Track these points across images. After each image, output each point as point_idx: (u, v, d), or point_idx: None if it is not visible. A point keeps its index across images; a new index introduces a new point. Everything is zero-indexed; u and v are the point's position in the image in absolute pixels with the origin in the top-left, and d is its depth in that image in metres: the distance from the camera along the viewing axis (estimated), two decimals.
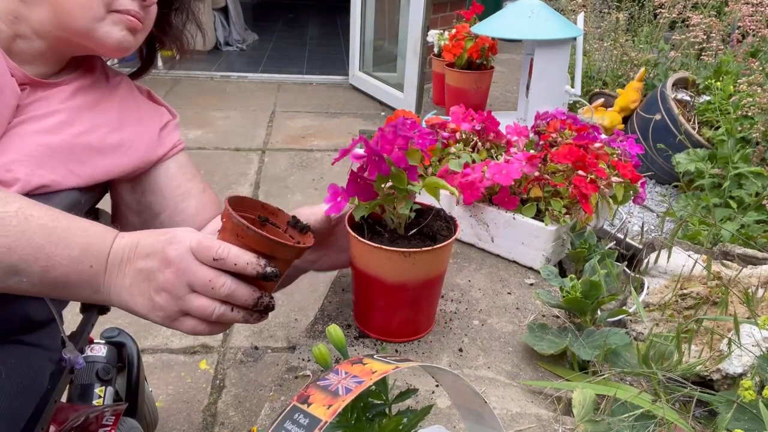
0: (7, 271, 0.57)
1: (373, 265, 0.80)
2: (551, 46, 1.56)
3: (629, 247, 1.24)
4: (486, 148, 1.21)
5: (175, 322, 0.60)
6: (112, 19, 0.75)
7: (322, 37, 5.98)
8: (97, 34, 0.74)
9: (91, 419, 0.87)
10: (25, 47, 0.74)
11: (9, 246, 0.57)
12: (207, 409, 1.63)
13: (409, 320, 0.87)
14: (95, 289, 0.61)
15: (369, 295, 0.85)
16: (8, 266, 0.57)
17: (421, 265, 0.79)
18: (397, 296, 0.82)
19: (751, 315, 0.84)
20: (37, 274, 0.58)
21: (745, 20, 1.98)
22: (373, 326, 0.88)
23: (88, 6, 0.72)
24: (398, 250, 0.78)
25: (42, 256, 0.58)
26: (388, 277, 0.80)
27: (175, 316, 0.60)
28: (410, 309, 0.85)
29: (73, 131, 0.75)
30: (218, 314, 0.59)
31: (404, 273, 0.80)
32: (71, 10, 0.72)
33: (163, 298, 0.59)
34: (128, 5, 0.75)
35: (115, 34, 0.75)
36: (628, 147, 1.21)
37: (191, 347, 1.85)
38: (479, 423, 0.50)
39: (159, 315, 0.60)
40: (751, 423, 0.65)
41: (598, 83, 2.32)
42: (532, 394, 0.80)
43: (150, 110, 0.89)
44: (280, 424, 0.38)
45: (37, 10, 0.72)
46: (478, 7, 2.13)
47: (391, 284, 0.81)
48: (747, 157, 1.50)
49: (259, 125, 3.63)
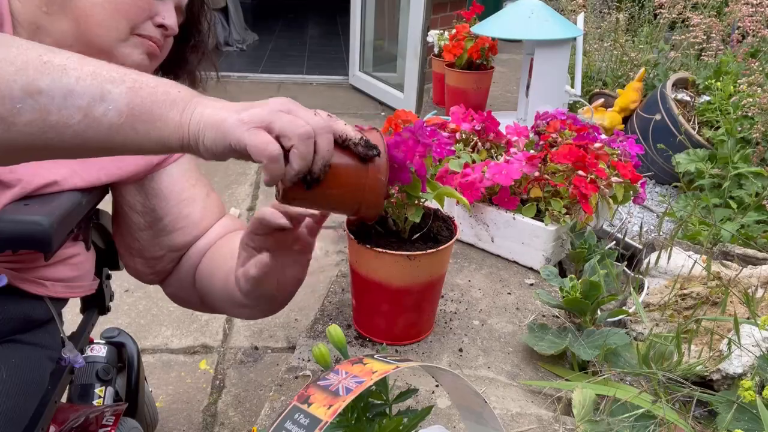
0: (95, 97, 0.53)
1: (378, 270, 0.80)
2: (551, 46, 1.56)
3: (629, 248, 1.24)
4: (486, 148, 1.21)
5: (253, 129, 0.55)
6: (133, 42, 0.76)
7: (322, 37, 5.98)
8: (117, 53, 0.75)
9: (91, 419, 0.87)
10: None
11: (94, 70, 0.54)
12: (207, 410, 1.63)
13: (413, 323, 0.87)
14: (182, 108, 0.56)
15: (372, 300, 0.84)
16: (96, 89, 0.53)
17: (425, 267, 0.79)
18: (402, 300, 0.82)
19: (751, 315, 0.84)
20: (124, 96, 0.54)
21: (745, 20, 1.98)
22: (376, 331, 0.88)
23: (113, 26, 0.73)
24: (404, 253, 0.77)
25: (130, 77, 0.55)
26: (394, 282, 0.80)
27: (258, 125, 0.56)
28: (414, 312, 0.85)
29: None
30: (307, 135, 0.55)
31: (409, 276, 0.80)
32: (95, 27, 0.73)
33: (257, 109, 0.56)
34: (151, 31, 0.77)
35: (134, 57, 0.76)
36: (628, 147, 1.21)
37: (191, 347, 1.85)
38: (479, 423, 0.50)
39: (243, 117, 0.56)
40: (751, 423, 0.65)
41: (598, 83, 2.32)
42: (532, 394, 0.80)
43: None
44: (280, 424, 0.38)
45: (61, 23, 0.72)
46: (478, 8, 2.13)
47: (396, 288, 0.81)
48: (747, 157, 1.50)
49: None
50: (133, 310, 1.97)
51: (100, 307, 0.97)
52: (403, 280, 0.80)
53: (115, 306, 1.03)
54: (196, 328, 1.93)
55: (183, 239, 0.91)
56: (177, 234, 0.91)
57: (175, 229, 0.90)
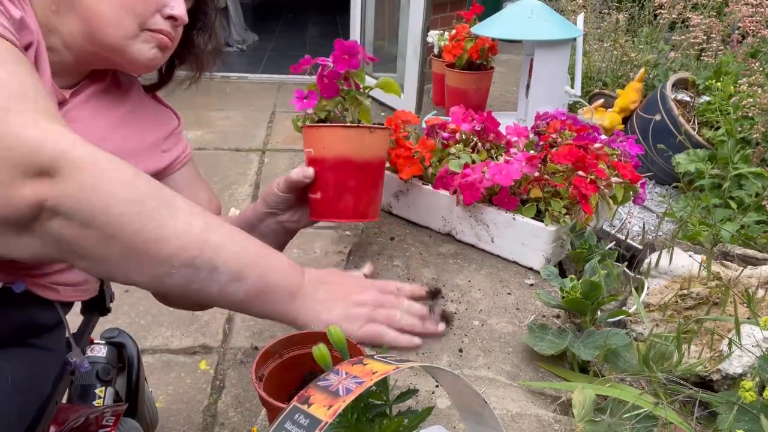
0: (233, 277, 0.63)
1: (343, 148, 0.89)
2: (551, 46, 1.56)
3: (629, 248, 1.24)
4: (486, 149, 1.21)
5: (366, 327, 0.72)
6: (144, 38, 0.74)
7: (322, 37, 5.98)
8: (128, 50, 0.74)
9: (91, 420, 0.88)
10: (54, 59, 0.72)
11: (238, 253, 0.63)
12: (207, 410, 1.63)
13: (373, 199, 0.95)
14: (293, 297, 0.69)
15: (341, 178, 0.91)
16: (236, 271, 0.63)
17: (380, 142, 0.92)
18: (366, 174, 0.92)
19: (752, 315, 0.84)
20: (254, 279, 0.65)
21: (745, 21, 1.98)
22: (344, 210, 0.93)
23: (121, 23, 0.72)
24: (366, 126, 0.89)
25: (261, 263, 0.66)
26: (358, 157, 0.89)
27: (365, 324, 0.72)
28: (374, 188, 0.95)
29: (88, 139, 0.75)
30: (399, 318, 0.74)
31: (369, 151, 0.90)
32: (103, 26, 0.71)
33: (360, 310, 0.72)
34: (161, 24, 0.75)
35: (146, 52, 0.75)
36: (627, 147, 1.21)
37: (191, 348, 1.85)
38: (479, 423, 0.50)
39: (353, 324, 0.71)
40: (752, 424, 0.65)
41: (598, 84, 2.31)
42: (532, 394, 0.80)
43: (159, 115, 0.90)
44: (280, 425, 0.38)
45: (68, 22, 0.71)
46: (478, 8, 2.13)
47: (361, 162, 0.90)
48: (747, 157, 1.50)
49: (259, 125, 3.63)
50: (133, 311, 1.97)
51: (100, 308, 0.97)
52: (366, 155, 0.90)
53: (115, 306, 1.03)
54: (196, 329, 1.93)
55: None
56: None
57: None
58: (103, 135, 0.77)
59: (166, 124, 0.89)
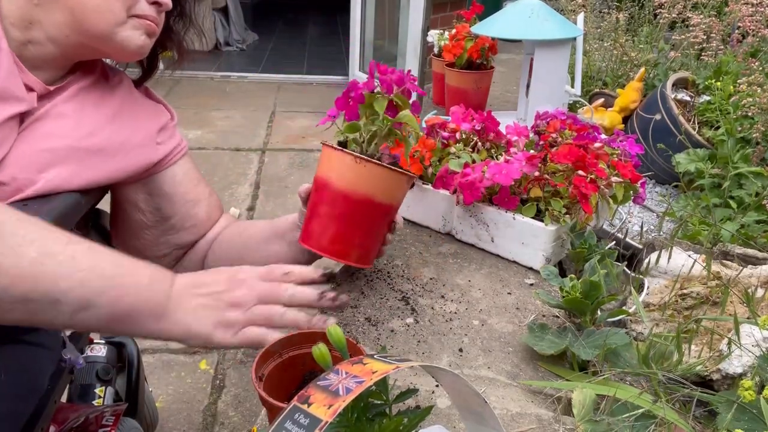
0: (80, 307, 0.58)
1: (363, 183, 0.83)
2: (551, 46, 1.56)
3: (629, 247, 1.24)
4: (486, 148, 1.20)
5: (241, 334, 0.65)
6: (132, 24, 0.74)
7: (322, 37, 5.97)
8: (117, 38, 0.73)
9: (90, 419, 0.88)
10: (36, 53, 0.72)
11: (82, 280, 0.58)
12: (207, 409, 1.63)
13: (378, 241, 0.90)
14: (158, 317, 0.63)
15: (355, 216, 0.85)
16: (81, 300, 0.58)
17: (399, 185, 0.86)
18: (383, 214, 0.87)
19: (751, 315, 0.84)
20: (106, 305, 0.59)
21: (745, 20, 1.98)
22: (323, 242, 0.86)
23: (109, 10, 0.71)
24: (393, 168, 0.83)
25: (115, 285, 0.60)
26: (378, 195, 0.84)
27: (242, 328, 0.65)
28: (386, 227, 0.90)
29: (76, 135, 0.75)
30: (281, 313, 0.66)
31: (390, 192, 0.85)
32: (91, 14, 0.71)
33: (234, 314, 0.65)
34: (147, 10, 0.75)
35: (135, 39, 0.75)
36: (628, 147, 1.21)
37: (191, 347, 1.85)
38: (479, 423, 0.50)
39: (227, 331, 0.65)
40: (751, 423, 0.65)
41: (598, 83, 2.31)
42: (532, 394, 0.80)
43: (150, 109, 0.89)
44: (280, 424, 0.38)
45: (54, 15, 0.71)
46: (478, 7, 2.13)
47: (379, 203, 0.85)
48: (747, 157, 1.50)
49: (259, 125, 3.63)
50: None
51: None
52: (385, 196, 0.85)
53: None
54: None
55: (190, 238, 0.93)
56: (185, 233, 0.92)
57: (183, 228, 0.91)
58: (91, 130, 0.77)
59: (158, 118, 0.89)
